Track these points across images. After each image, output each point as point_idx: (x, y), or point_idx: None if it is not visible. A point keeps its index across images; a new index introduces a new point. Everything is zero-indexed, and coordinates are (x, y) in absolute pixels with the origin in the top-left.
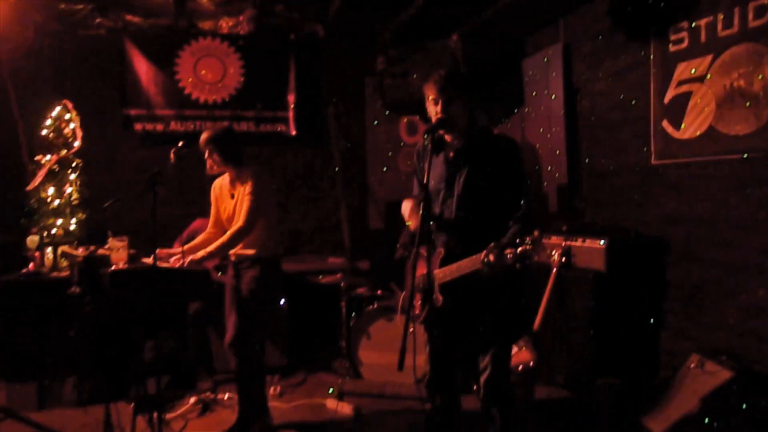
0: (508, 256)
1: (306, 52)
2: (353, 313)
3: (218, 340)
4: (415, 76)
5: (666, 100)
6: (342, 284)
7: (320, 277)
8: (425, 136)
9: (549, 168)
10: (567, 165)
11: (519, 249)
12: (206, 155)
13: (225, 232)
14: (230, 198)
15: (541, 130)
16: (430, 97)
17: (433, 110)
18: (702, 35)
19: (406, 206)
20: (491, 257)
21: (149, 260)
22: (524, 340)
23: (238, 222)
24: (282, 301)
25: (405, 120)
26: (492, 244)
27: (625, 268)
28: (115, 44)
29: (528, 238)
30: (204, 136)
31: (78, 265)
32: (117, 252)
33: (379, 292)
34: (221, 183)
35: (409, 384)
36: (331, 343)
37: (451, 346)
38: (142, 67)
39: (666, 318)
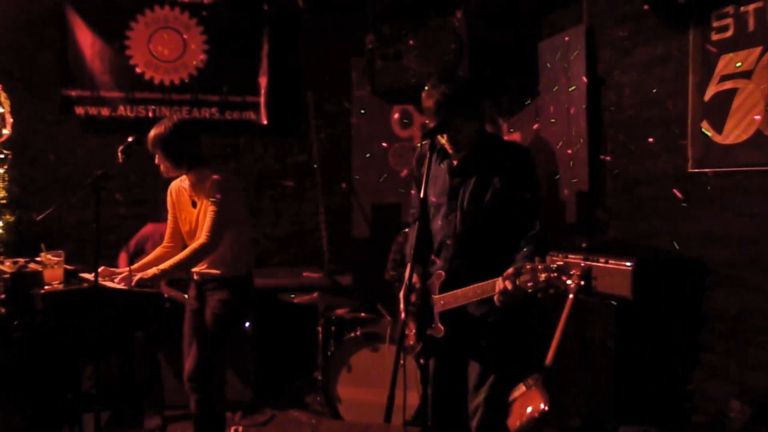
0: (528, 285)
1: (282, 26)
2: (332, 340)
3: (170, 369)
4: (411, 58)
5: (706, 97)
6: (319, 304)
7: (293, 295)
8: (423, 142)
9: (567, 171)
10: (588, 169)
11: (542, 276)
12: (156, 158)
13: (184, 247)
14: (191, 206)
15: (559, 126)
16: (428, 121)
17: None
18: (750, 23)
19: None
20: (508, 285)
21: (89, 276)
22: (534, 377)
23: (201, 237)
24: (246, 324)
25: (398, 110)
26: (511, 270)
27: (655, 294)
28: (55, 13)
29: (554, 263)
30: (150, 135)
31: (5, 282)
32: (51, 269)
33: (363, 314)
34: (179, 186)
35: (397, 427)
36: (305, 374)
37: (453, 383)
38: (87, 41)
39: (701, 354)
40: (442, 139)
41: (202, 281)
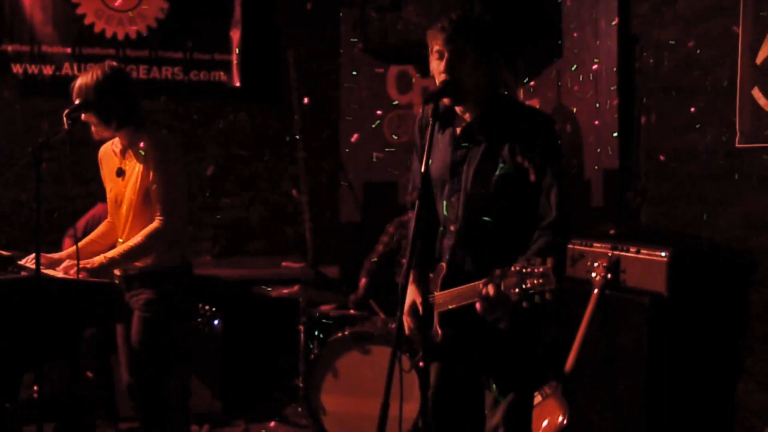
0: (514, 291)
1: None
2: (315, 341)
3: None
4: (411, 9)
5: (759, 59)
6: (300, 299)
7: (269, 288)
8: (424, 105)
9: (593, 146)
10: (619, 143)
11: (526, 283)
12: (82, 115)
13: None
14: (116, 175)
15: (584, 91)
16: (435, 49)
17: (437, 68)
18: None
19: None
20: (490, 289)
21: (29, 263)
22: (551, 385)
23: (154, 221)
24: (216, 322)
25: (395, 71)
26: (497, 271)
27: (695, 289)
28: None
29: (539, 268)
30: (74, 85)
31: None
32: None
33: (351, 311)
34: (109, 150)
35: None
36: (283, 382)
37: (455, 395)
38: None
39: (747, 362)
40: (446, 101)
41: (126, 276)
